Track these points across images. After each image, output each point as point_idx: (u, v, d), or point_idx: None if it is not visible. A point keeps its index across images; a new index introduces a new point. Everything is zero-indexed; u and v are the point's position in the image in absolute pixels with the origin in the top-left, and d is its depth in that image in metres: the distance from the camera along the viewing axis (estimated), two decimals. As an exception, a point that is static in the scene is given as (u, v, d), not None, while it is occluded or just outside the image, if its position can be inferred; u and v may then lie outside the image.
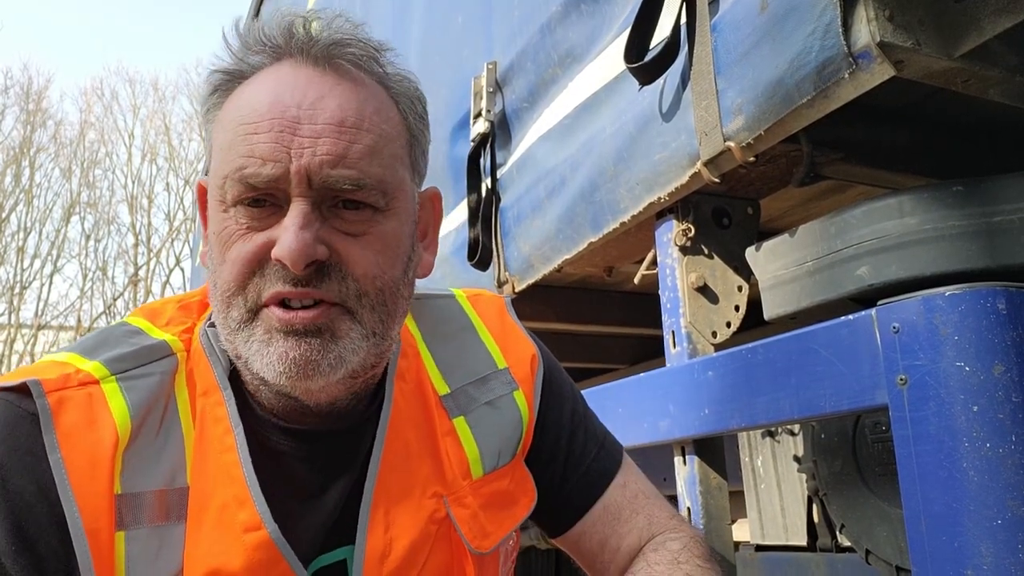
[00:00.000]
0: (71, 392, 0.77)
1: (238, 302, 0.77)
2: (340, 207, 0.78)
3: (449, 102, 2.32)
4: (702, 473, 1.50)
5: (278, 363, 0.75)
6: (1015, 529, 0.92)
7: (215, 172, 0.79)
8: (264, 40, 0.82)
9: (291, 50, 0.81)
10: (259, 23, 0.83)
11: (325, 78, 0.79)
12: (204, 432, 0.81)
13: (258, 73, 0.81)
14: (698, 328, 1.54)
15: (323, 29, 0.82)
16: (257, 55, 0.82)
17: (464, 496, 0.90)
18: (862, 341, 1.07)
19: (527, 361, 1.00)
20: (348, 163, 0.76)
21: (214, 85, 0.83)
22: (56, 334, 20.54)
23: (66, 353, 0.83)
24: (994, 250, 1.12)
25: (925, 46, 1.05)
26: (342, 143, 0.76)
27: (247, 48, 0.82)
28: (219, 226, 0.78)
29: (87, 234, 21.60)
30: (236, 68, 0.82)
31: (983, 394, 0.95)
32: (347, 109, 0.78)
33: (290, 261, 0.73)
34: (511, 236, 2.01)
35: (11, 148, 21.23)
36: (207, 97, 0.84)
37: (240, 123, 0.77)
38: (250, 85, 0.81)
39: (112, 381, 0.79)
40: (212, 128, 0.83)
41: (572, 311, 2.44)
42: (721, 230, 1.60)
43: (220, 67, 0.83)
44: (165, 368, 0.83)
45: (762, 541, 2.41)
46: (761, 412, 1.24)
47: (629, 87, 1.56)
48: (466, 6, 2.29)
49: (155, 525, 0.76)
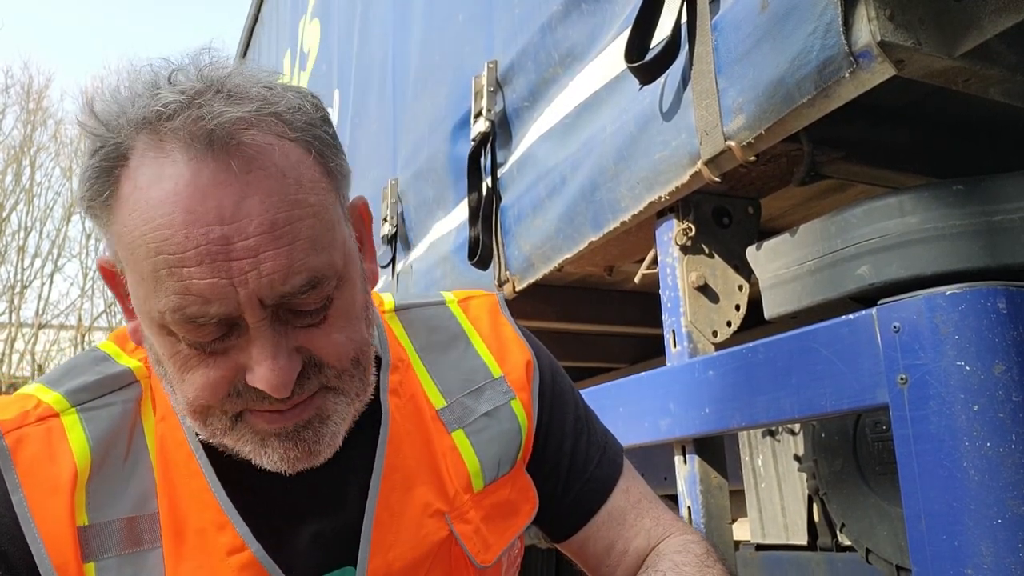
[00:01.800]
0: (28, 429, 0.77)
1: (215, 416, 0.74)
2: (296, 304, 0.71)
3: (449, 101, 2.32)
4: (702, 472, 1.50)
5: (280, 462, 0.75)
6: (1015, 528, 0.92)
7: (142, 298, 0.70)
8: (129, 112, 0.69)
9: (173, 130, 0.67)
10: (114, 81, 0.71)
11: (231, 168, 0.67)
12: (166, 457, 0.79)
13: (143, 160, 0.68)
14: (698, 327, 1.54)
15: (197, 88, 0.68)
16: (128, 128, 0.69)
17: (466, 511, 0.89)
18: (863, 340, 1.07)
19: (523, 367, 0.98)
20: (295, 269, 0.68)
21: (93, 170, 0.70)
22: (57, 333, 20.55)
23: (35, 384, 0.82)
24: (994, 249, 1.12)
25: (926, 45, 1.05)
26: (282, 251, 0.67)
27: (111, 117, 0.70)
28: (168, 349, 0.71)
29: (88, 233, 21.59)
30: (110, 146, 0.69)
31: (983, 393, 0.95)
32: (273, 204, 0.67)
33: (274, 393, 0.69)
34: (511, 235, 2.01)
35: (12, 147, 21.25)
36: (87, 183, 0.71)
37: (158, 251, 0.66)
38: (142, 184, 0.68)
39: (72, 413, 0.79)
40: (110, 229, 0.71)
41: (572, 310, 2.44)
42: (722, 229, 1.60)
43: (92, 144, 0.70)
44: (129, 396, 0.81)
45: (762, 540, 2.41)
46: (762, 411, 1.24)
47: (630, 86, 1.56)
48: (467, 5, 2.29)
49: (126, 553, 0.75)
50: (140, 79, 0.71)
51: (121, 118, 0.69)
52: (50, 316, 20.71)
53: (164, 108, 0.67)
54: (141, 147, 0.69)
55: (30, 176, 21.30)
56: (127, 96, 0.70)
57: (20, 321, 20.32)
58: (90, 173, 0.71)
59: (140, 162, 0.68)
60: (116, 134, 0.69)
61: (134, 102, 0.69)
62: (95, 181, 0.70)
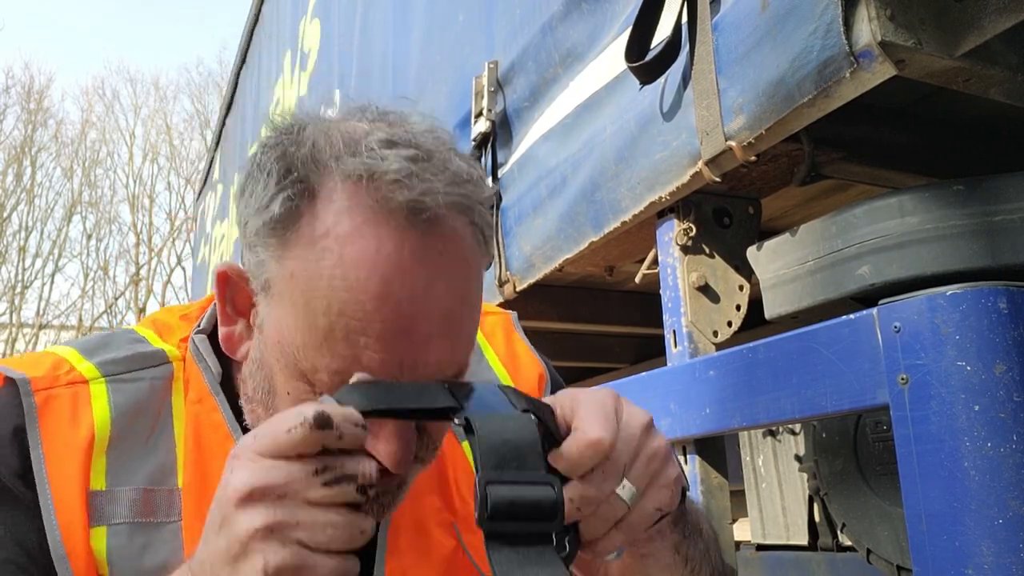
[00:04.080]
0: (58, 391, 0.79)
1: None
2: None
3: (450, 101, 2.32)
4: (703, 472, 1.50)
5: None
6: (1016, 528, 0.92)
7: (299, 344, 0.68)
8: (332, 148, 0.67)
9: (383, 188, 0.65)
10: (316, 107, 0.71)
11: (432, 248, 0.66)
12: (201, 438, 0.81)
13: (342, 206, 0.66)
14: (699, 327, 1.54)
15: (413, 153, 0.66)
16: (328, 165, 0.67)
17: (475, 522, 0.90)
18: (863, 340, 1.07)
19: (535, 380, 0.99)
20: (453, 361, 0.69)
21: (277, 190, 0.68)
22: (57, 333, 20.55)
23: (70, 349, 0.84)
24: (995, 249, 1.12)
25: (926, 45, 1.05)
26: (448, 345, 0.68)
27: (309, 147, 0.68)
28: (296, 394, 0.70)
29: (88, 233, 21.63)
30: (301, 176, 0.67)
31: (984, 393, 0.95)
32: (455, 292, 0.68)
33: (393, 470, 0.68)
34: (512, 235, 2.01)
35: (12, 147, 21.26)
36: (270, 200, 0.68)
37: (340, 312, 0.65)
38: (339, 234, 0.66)
39: (101, 382, 0.80)
40: (278, 256, 0.69)
41: (573, 310, 2.44)
42: (722, 229, 1.60)
43: (280, 166, 0.68)
44: (158, 375, 0.83)
45: (763, 540, 2.41)
46: (762, 411, 1.24)
47: (630, 86, 1.56)
48: (467, 5, 2.29)
49: (139, 521, 0.76)
50: (348, 116, 0.71)
51: (324, 152, 0.67)
52: (51, 316, 20.74)
53: (377, 163, 0.65)
54: (341, 192, 0.66)
55: (31, 176, 21.33)
56: (331, 130, 0.69)
57: (21, 321, 20.33)
58: (273, 192, 0.68)
59: (338, 207, 0.66)
60: (312, 167, 0.67)
61: (340, 140, 0.67)
62: (278, 203, 0.68)
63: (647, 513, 0.65)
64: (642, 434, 0.67)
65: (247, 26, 5.19)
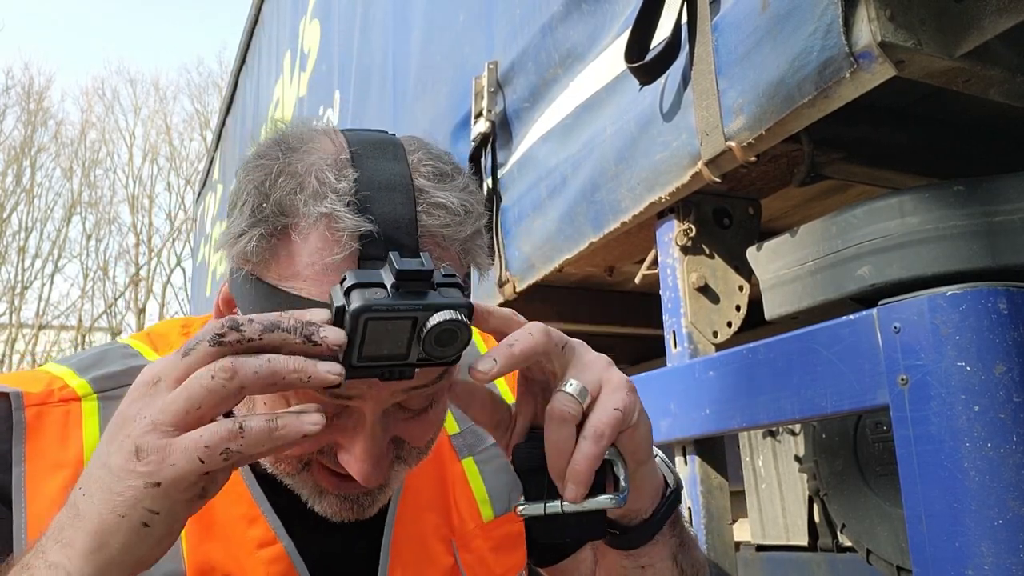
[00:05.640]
0: (49, 408, 0.78)
1: (284, 460, 0.73)
2: (408, 403, 0.72)
3: (450, 101, 2.32)
4: (703, 473, 1.50)
5: (331, 515, 0.75)
6: (1016, 529, 0.92)
7: None
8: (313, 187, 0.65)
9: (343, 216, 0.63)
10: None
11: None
12: None
13: (315, 250, 0.65)
14: (699, 328, 1.54)
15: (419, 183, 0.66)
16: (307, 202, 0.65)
17: (471, 540, 0.89)
18: (863, 341, 1.07)
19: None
20: (433, 387, 0.70)
21: (259, 212, 0.66)
22: (57, 334, 20.56)
23: (63, 367, 0.83)
24: (995, 250, 1.12)
25: (926, 46, 1.05)
26: (430, 369, 0.68)
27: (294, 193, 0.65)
28: (272, 403, 0.70)
29: (88, 234, 21.61)
30: (279, 216, 0.66)
31: (984, 394, 0.95)
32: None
33: (363, 483, 0.69)
34: (512, 236, 2.01)
35: (12, 148, 21.25)
36: (253, 220, 0.67)
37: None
38: (308, 280, 0.65)
39: (93, 399, 0.80)
40: (261, 274, 0.68)
41: (573, 311, 2.44)
42: (722, 230, 1.60)
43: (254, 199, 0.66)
44: None
45: (763, 541, 2.41)
46: (762, 412, 1.24)
47: (630, 87, 1.56)
48: (467, 5, 2.29)
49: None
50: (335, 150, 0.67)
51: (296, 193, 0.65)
52: (50, 317, 20.73)
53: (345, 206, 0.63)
54: (313, 231, 0.65)
55: (31, 177, 21.32)
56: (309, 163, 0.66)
57: (20, 322, 20.33)
58: (247, 225, 0.67)
59: (311, 247, 0.65)
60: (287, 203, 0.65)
61: (314, 179, 0.65)
62: (259, 225, 0.66)
63: (608, 412, 0.66)
64: (580, 346, 0.70)
65: (247, 26, 5.19)
